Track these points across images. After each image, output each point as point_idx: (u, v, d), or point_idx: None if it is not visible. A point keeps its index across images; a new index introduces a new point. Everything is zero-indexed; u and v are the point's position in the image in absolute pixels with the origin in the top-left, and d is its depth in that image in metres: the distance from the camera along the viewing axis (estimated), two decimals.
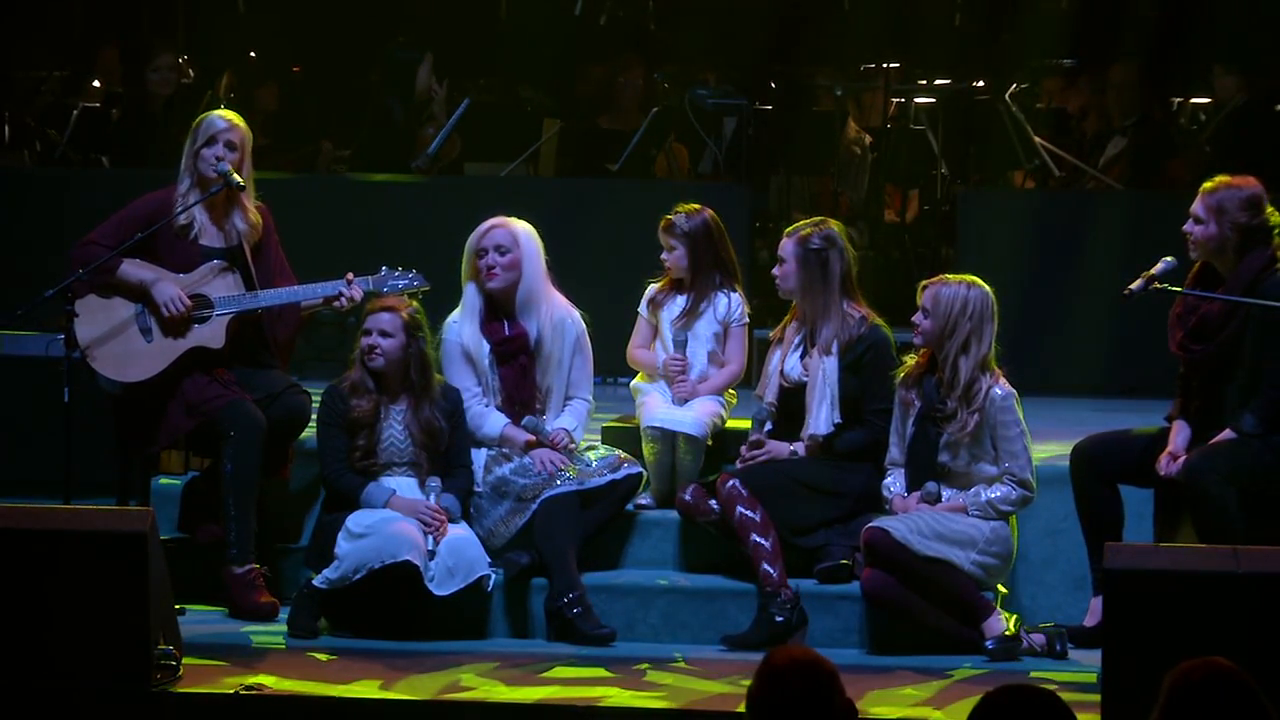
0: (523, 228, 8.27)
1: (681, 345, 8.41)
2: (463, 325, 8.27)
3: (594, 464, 8.18)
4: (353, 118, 13.14)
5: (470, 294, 8.29)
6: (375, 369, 8.07)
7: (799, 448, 8.12)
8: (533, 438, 8.19)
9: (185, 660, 7.15)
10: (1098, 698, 6.63)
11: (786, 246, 8.20)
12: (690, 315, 8.45)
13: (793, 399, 8.19)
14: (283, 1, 13.41)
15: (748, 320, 8.56)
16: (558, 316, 8.27)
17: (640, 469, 8.28)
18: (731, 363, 8.50)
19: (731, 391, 8.55)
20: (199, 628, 7.77)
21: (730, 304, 8.48)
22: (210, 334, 8.14)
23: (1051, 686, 4.44)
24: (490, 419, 8.23)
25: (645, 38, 13.40)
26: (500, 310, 8.27)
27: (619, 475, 8.18)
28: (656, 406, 8.37)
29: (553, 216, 8.41)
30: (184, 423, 8.11)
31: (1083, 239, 11.02)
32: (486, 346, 8.25)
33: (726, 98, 12.72)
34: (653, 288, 8.55)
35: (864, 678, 7.24)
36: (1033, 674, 7.40)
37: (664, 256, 8.47)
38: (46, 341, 8.80)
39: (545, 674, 7.41)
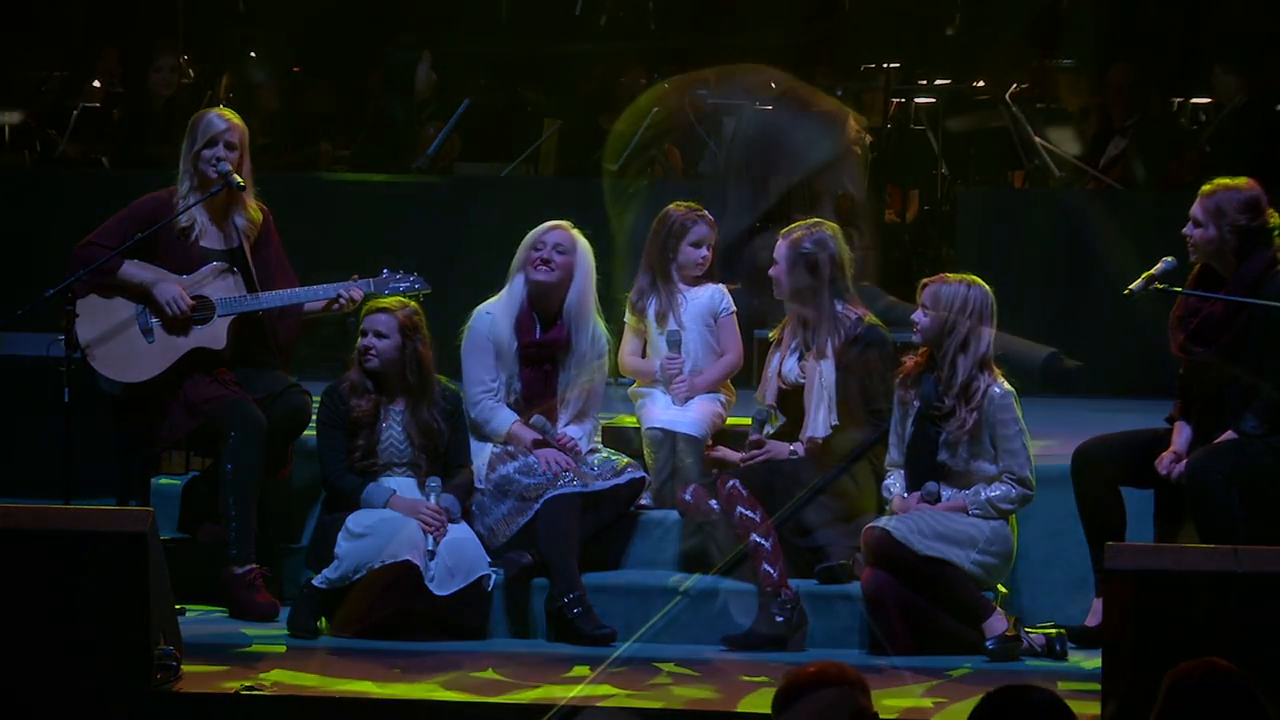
0: (583, 240, 8.28)
1: (676, 345, 8.41)
2: (499, 316, 8.26)
3: (598, 468, 8.18)
4: (353, 118, 13.14)
5: (517, 286, 8.27)
6: (371, 370, 8.07)
7: (799, 448, 8.12)
8: (539, 437, 8.19)
9: (185, 661, 7.14)
10: (1098, 694, 6.63)
11: (780, 248, 8.21)
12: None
13: (792, 401, 8.19)
14: (283, 1, 13.41)
15: (735, 309, 8.56)
16: (598, 334, 8.28)
17: (644, 474, 8.28)
18: (729, 352, 8.50)
19: (731, 390, 8.55)
20: (199, 628, 7.77)
21: (714, 296, 8.49)
22: (212, 335, 8.14)
23: (1051, 686, 4.42)
24: (500, 414, 8.22)
25: (645, 38, 13.39)
26: (538, 310, 8.26)
27: (622, 480, 8.18)
28: (656, 408, 8.38)
29: (553, 216, 8.39)
30: (185, 423, 8.11)
31: (1082, 239, 11.01)
32: (516, 344, 8.25)
33: (726, 98, 12.70)
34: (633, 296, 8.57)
35: (864, 678, 7.22)
36: (1033, 674, 7.39)
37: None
38: (47, 341, 8.79)
39: (545, 674, 7.41)
